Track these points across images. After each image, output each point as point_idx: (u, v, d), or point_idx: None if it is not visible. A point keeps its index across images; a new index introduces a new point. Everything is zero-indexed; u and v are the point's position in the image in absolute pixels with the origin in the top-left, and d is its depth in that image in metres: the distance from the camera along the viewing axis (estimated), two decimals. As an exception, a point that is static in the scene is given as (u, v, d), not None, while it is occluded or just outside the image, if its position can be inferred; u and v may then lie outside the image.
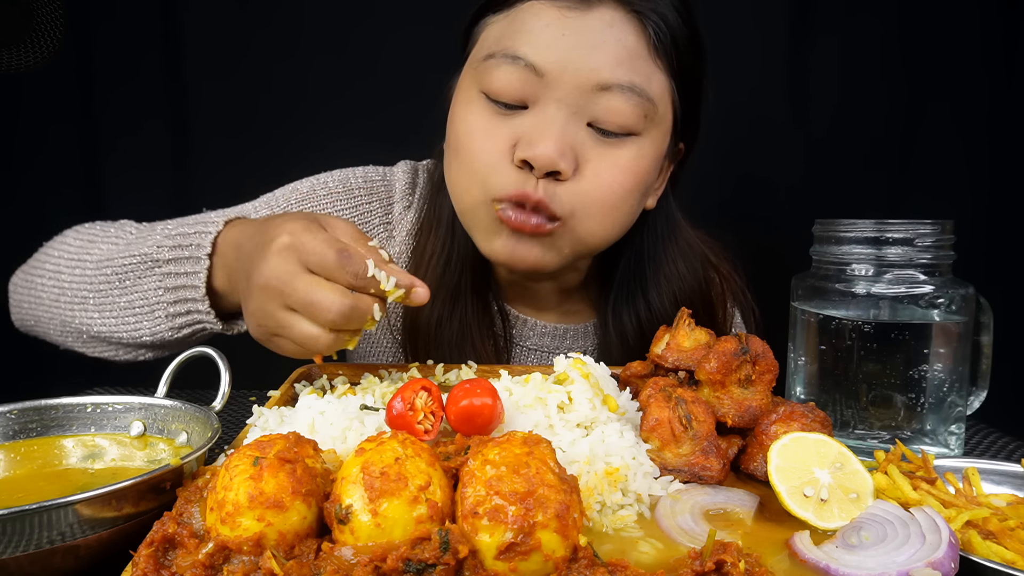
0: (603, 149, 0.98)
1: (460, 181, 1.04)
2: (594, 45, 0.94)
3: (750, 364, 0.80)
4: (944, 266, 0.91)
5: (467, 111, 1.02)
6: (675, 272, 1.18)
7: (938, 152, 2.01)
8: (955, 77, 1.98)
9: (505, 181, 0.97)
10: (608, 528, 0.64)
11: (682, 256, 1.19)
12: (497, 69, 0.97)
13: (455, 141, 1.04)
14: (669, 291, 1.17)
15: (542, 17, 0.96)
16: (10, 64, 1.98)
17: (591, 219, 1.01)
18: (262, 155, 2.11)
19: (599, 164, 0.98)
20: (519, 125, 0.97)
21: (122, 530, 0.62)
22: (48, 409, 0.83)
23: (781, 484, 0.66)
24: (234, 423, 1.07)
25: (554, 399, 0.76)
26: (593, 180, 0.98)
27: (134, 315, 1.05)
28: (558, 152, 0.94)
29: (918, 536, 0.58)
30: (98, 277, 1.07)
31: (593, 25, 0.95)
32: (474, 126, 1.00)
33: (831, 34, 2.00)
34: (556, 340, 1.27)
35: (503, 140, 0.98)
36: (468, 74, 1.04)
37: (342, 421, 0.73)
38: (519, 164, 0.97)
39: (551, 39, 0.95)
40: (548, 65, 0.95)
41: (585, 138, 0.98)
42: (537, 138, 0.94)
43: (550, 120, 0.95)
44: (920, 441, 0.90)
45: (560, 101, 0.95)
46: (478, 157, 0.99)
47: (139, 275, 1.03)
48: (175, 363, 0.93)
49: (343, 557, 0.52)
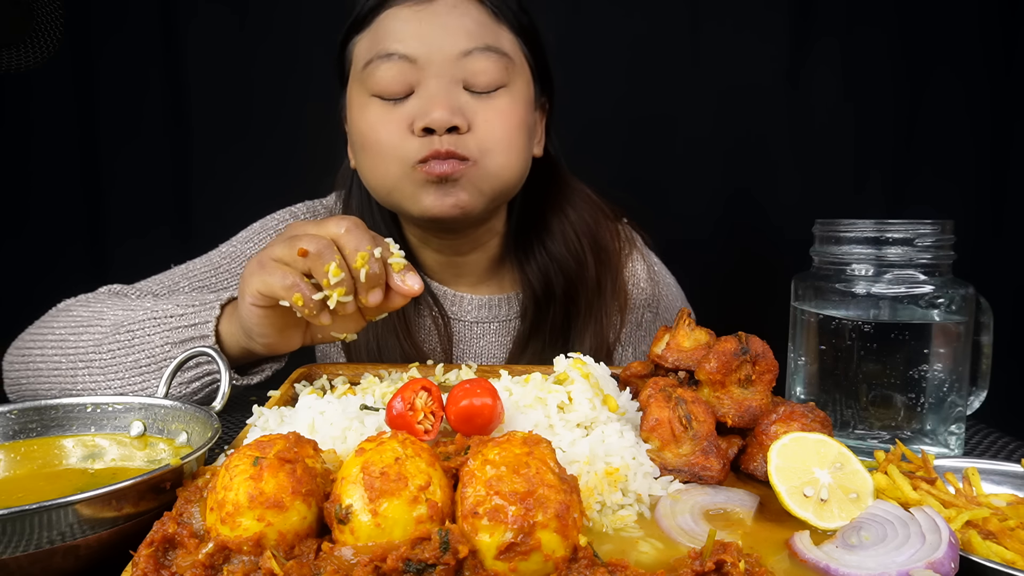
0: (484, 103, 1.15)
1: (376, 168, 1.17)
2: (447, 24, 1.12)
3: (750, 364, 0.80)
4: (944, 266, 0.91)
5: (364, 113, 1.16)
6: (563, 215, 1.31)
7: (938, 152, 2.01)
8: (955, 77, 1.98)
9: (416, 148, 1.12)
10: (608, 528, 0.64)
11: (568, 201, 1.32)
12: (378, 70, 1.13)
13: (362, 140, 1.18)
14: (559, 232, 1.30)
15: (399, 17, 1.13)
16: (10, 64, 1.98)
17: (497, 155, 1.16)
18: (262, 154, 2.12)
19: (486, 115, 1.14)
20: (410, 108, 1.13)
21: (122, 530, 0.62)
22: (48, 409, 0.83)
23: (781, 484, 0.66)
24: (234, 423, 1.07)
25: (554, 399, 0.76)
26: (485, 128, 1.14)
27: (140, 374, 1.06)
28: (450, 112, 1.10)
29: (918, 536, 0.58)
30: (108, 339, 1.10)
31: (440, 11, 1.13)
32: (373, 120, 1.15)
33: (831, 35, 2.00)
34: (492, 311, 1.36)
35: (402, 122, 1.13)
36: (354, 87, 1.20)
37: (342, 421, 0.73)
38: (420, 133, 1.11)
39: (412, 31, 1.12)
40: (417, 51, 1.11)
41: (467, 100, 1.14)
42: (429, 108, 1.10)
43: (434, 93, 1.11)
44: (920, 441, 0.90)
45: (437, 76, 1.12)
46: (384, 141, 1.14)
47: (147, 332, 1.08)
48: (175, 363, 0.93)
49: (343, 557, 0.52)
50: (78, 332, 1.13)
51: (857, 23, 1.98)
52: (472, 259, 1.34)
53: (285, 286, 0.86)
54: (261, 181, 1.97)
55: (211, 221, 1.80)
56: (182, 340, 1.04)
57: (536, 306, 1.31)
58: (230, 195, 2.03)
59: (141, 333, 1.07)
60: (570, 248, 1.30)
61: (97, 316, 1.14)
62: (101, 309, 1.15)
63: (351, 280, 0.86)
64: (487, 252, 1.35)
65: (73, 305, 1.20)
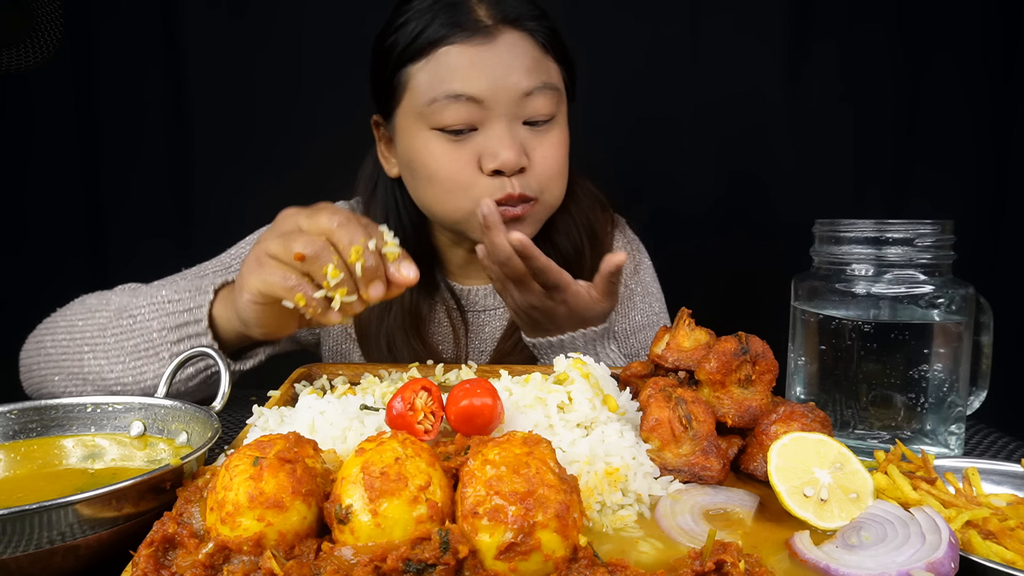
0: (540, 137, 1.23)
1: (446, 202, 1.23)
2: (509, 65, 1.18)
3: (750, 364, 0.80)
4: (944, 266, 0.91)
5: (428, 147, 1.21)
6: (570, 212, 1.38)
7: (938, 152, 2.01)
8: (955, 77, 1.98)
9: (489, 190, 1.19)
10: (608, 528, 0.64)
11: (573, 198, 1.39)
12: (445, 109, 1.17)
13: (426, 173, 1.23)
14: (564, 228, 1.37)
15: (463, 57, 1.17)
16: (10, 64, 1.98)
17: (552, 189, 1.26)
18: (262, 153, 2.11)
19: (543, 149, 1.23)
20: (476, 144, 1.19)
21: (122, 530, 0.62)
22: (48, 409, 0.83)
23: (781, 484, 0.66)
24: (234, 423, 1.07)
25: (554, 399, 0.76)
26: (543, 163, 1.22)
27: (138, 358, 1.08)
28: (516, 155, 1.17)
29: (918, 536, 0.58)
30: (112, 322, 1.12)
31: (502, 50, 1.18)
32: (439, 155, 1.20)
33: (831, 35, 2.00)
34: (498, 299, 1.41)
35: (468, 159, 1.19)
36: (410, 118, 1.23)
37: (342, 421, 0.73)
38: (490, 174, 1.18)
39: (478, 73, 1.17)
40: (484, 93, 1.17)
41: (526, 134, 1.21)
42: (497, 150, 1.17)
43: (500, 133, 1.18)
44: (920, 441, 0.90)
45: (501, 116, 1.18)
46: (453, 178, 1.20)
47: (146, 317, 1.10)
48: (175, 363, 0.93)
49: (343, 557, 0.52)
50: (86, 317, 1.16)
51: (857, 20, 1.98)
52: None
53: (287, 287, 0.86)
54: (265, 186, 1.97)
55: (213, 226, 1.79)
56: (177, 325, 1.06)
57: None
58: (234, 201, 2.03)
59: (141, 318, 1.09)
60: (572, 241, 1.37)
61: (105, 302, 1.17)
62: (110, 297, 1.19)
63: (351, 279, 0.86)
64: None
65: (88, 297, 1.24)
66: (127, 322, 1.10)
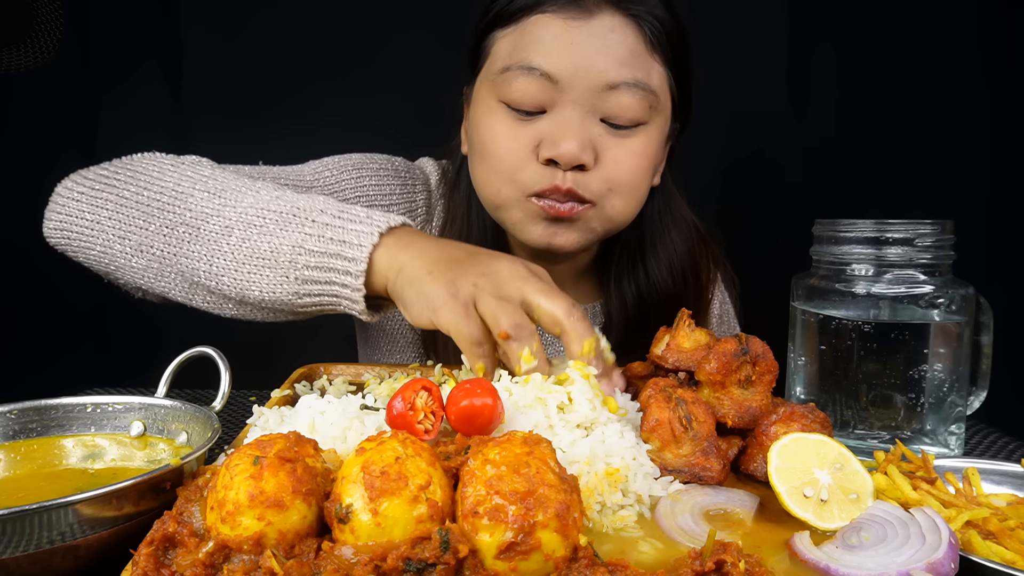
0: (617, 140, 1.08)
1: (490, 182, 1.12)
2: (599, 49, 1.03)
3: (750, 365, 0.80)
4: (944, 266, 0.91)
5: (490, 120, 1.10)
6: (670, 240, 1.28)
7: (939, 152, 2.01)
8: (956, 77, 1.98)
9: (536, 177, 1.07)
10: (608, 528, 0.64)
11: (675, 225, 1.29)
12: (515, 80, 1.05)
13: (481, 147, 1.12)
14: (665, 258, 1.27)
15: (550, 28, 1.04)
16: (10, 64, 1.98)
17: (617, 199, 1.11)
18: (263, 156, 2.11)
19: (616, 152, 1.07)
20: (540, 128, 1.06)
21: (122, 530, 0.62)
22: (48, 409, 0.83)
23: (781, 485, 0.66)
24: (234, 423, 1.08)
25: (554, 399, 0.76)
26: (613, 167, 1.08)
27: (255, 264, 0.91)
28: (579, 148, 1.03)
29: (918, 536, 0.58)
30: (243, 217, 0.94)
31: (596, 32, 1.03)
32: (498, 132, 1.08)
33: (831, 34, 2.00)
34: None
35: (527, 142, 1.07)
36: (485, 86, 1.12)
37: (342, 421, 0.73)
38: (544, 162, 1.06)
39: (561, 48, 1.03)
40: (561, 72, 1.03)
41: (601, 132, 1.07)
42: (559, 138, 1.03)
43: (568, 121, 1.04)
44: (920, 441, 0.90)
45: (575, 103, 1.04)
46: (505, 159, 1.08)
47: (278, 221, 0.92)
48: (175, 363, 0.93)
49: (343, 556, 0.52)
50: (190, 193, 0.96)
51: (857, 21, 1.98)
52: (562, 268, 1.30)
53: (475, 352, 0.81)
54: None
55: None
56: (323, 251, 0.89)
57: (624, 325, 1.27)
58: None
59: (276, 218, 0.91)
60: (674, 274, 1.26)
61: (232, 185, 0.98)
62: (226, 177, 1.00)
63: (545, 364, 0.81)
64: (577, 263, 1.32)
65: (174, 162, 1.05)
66: (255, 218, 0.92)
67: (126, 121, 2.13)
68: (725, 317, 1.45)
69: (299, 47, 2.06)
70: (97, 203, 1.01)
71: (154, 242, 0.96)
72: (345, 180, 1.26)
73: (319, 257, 0.88)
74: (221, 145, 2.12)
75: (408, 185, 1.32)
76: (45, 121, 2.14)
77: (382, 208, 1.28)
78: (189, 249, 0.94)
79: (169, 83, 2.12)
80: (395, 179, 1.30)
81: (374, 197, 1.28)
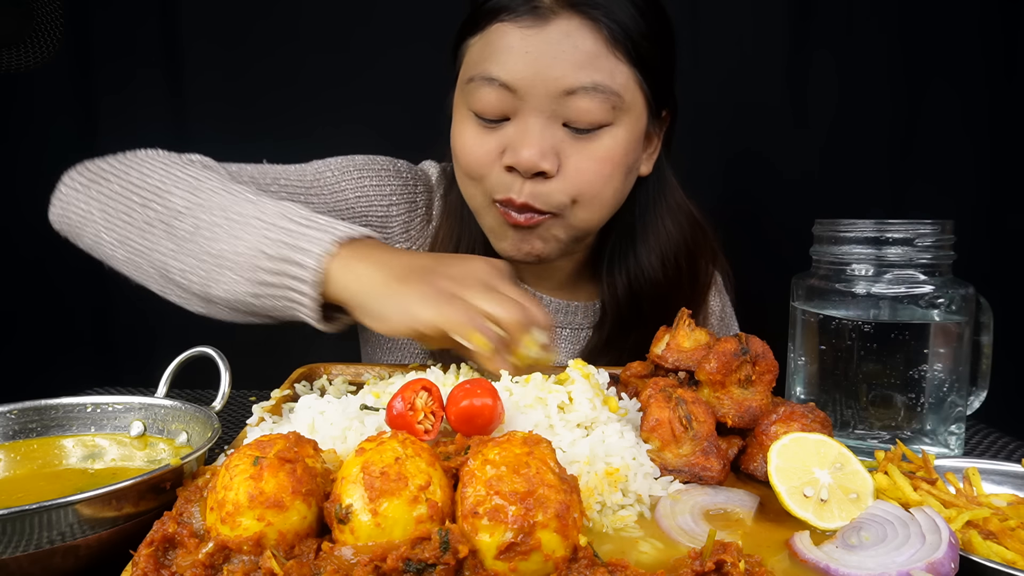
0: (580, 144, 1.07)
1: (464, 186, 1.17)
2: (555, 56, 1.03)
3: (750, 364, 0.80)
4: (944, 266, 0.91)
5: (460, 127, 1.13)
6: (663, 227, 1.25)
7: (939, 152, 2.01)
8: (956, 77, 1.98)
9: (496, 184, 1.09)
10: (608, 528, 0.64)
11: (670, 213, 1.26)
12: (478, 91, 1.07)
13: (454, 151, 1.15)
14: (656, 245, 1.24)
15: (508, 38, 1.05)
16: (10, 64, 1.98)
17: (581, 210, 1.11)
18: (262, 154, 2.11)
19: (579, 159, 1.07)
20: (504, 135, 1.08)
21: (122, 530, 0.62)
22: (48, 409, 0.83)
23: (781, 484, 0.66)
24: (234, 423, 1.08)
25: (554, 399, 0.76)
26: (576, 175, 1.07)
27: (217, 263, 0.93)
28: (539, 155, 1.04)
29: (918, 536, 0.58)
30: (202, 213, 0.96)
31: (552, 38, 1.03)
32: (467, 139, 1.11)
33: (831, 34, 2.00)
34: (567, 316, 1.34)
35: (492, 149, 1.09)
36: (458, 94, 1.15)
37: (342, 421, 0.73)
38: (507, 169, 1.07)
39: (517, 58, 1.04)
40: (518, 82, 1.04)
41: (563, 137, 1.07)
42: (520, 145, 1.05)
43: (529, 128, 1.05)
44: (920, 441, 0.90)
45: (536, 109, 1.05)
46: (472, 165, 1.11)
47: (242, 224, 0.93)
48: (175, 363, 0.93)
49: (343, 557, 0.52)
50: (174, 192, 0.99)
51: (858, 21, 1.98)
52: (557, 265, 1.29)
53: (471, 325, 0.80)
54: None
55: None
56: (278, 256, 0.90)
57: (617, 317, 1.26)
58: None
59: (241, 221, 0.93)
60: (666, 263, 1.24)
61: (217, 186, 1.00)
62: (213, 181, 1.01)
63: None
64: (573, 260, 1.31)
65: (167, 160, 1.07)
66: (221, 218, 0.94)
67: (126, 123, 2.13)
68: (727, 320, 1.44)
69: (299, 54, 2.06)
70: (90, 194, 1.05)
71: (133, 236, 0.99)
72: (346, 181, 1.27)
73: (275, 262, 0.89)
74: (221, 147, 2.13)
75: (409, 186, 1.32)
76: (45, 122, 2.14)
77: (382, 208, 1.29)
78: (162, 245, 0.97)
79: (169, 84, 2.12)
80: (396, 180, 1.31)
81: (374, 198, 1.28)
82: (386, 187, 1.30)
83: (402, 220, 1.31)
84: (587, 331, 1.34)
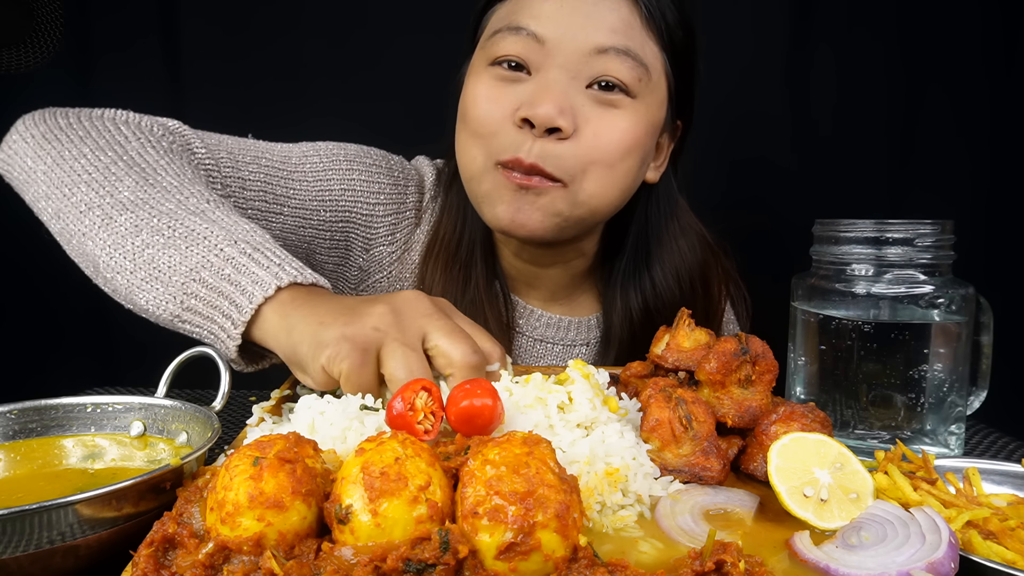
0: (601, 110, 1.04)
1: (467, 148, 1.09)
2: (590, 14, 1.02)
3: (750, 364, 0.80)
4: (944, 266, 0.91)
5: (476, 83, 1.08)
6: (677, 249, 1.23)
7: (938, 152, 2.01)
8: (956, 76, 1.98)
9: (505, 143, 1.03)
10: (608, 528, 0.64)
11: (683, 234, 1.25)
12: (503, 40, 1.04)
13: (463, 110, 1.10)
14: (672, 268, 1.22)
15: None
16: (10, 64, 1.98)
17: (590, 182, 1.05)
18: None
19: (598, 124, 1.03)
20: (523, 91, 1.03)
21: (122, 530, 0.62)
22: (48, 409, 0.83)
23: (781, 484, 0.66)
24: (234, 423, 1.08)
25: (554, 399, 0.76)
26: (592, 139, 1.03)
27: (148, 273, 0.87)
28: (557, 110, 0.99)
29: (918, 536, 0.58)
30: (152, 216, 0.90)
31: (589, 1, 1.03)
32: (480, 93, 1.06)
33: (831, 35, 2.00)
34: (560, 332, 1.29)
35: (507, 104, 1.04)
36: (478, 55, 1.11)
37: (342, 421, 0.73)
38: (519, 124, 1.02)
39: (551, 11, 1.02)
40: (548, 33, 1.02)
41: (585, 101, 1.03)
42: (539, 99, 1.00)
43: (551, 83, 1.01)
44: (920, 441, 0.90)
45: (561, 67, 1.02)
46: (482, 121, 1.05)
47: (185, 239, 0.87)
48: (175, 363, 0.93)
49: (343, 557, 0.51)
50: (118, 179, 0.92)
51: (857, 22, 1.98)
52: (550, 273, 1.25)
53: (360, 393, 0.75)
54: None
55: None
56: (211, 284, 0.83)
57: (630, 335, 1.23)
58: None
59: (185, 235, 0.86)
60: (682, 285, 1.22)
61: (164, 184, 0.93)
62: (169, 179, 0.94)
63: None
64: (569, 270, 1.26)
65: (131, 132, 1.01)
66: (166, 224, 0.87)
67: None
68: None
69: (300, 44, 2.06)
70: (40, 153, 0.98)
71: (70, 216, 0.93)
72: (333, 171, 1.21)
73: (210, 291, 0.83)
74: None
75: (400, 186, 1.27)
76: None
77: (368, 207, 1.23)
78: (97, 235, 0.90)
79: (169, 84, 2.12)
80: (387, 178, 1.26)
81: (360, 193, 1.23)
82: (375, 183, 1.24)
83: (388, 222, 1.25)
84: (580, 347, 1.29)
